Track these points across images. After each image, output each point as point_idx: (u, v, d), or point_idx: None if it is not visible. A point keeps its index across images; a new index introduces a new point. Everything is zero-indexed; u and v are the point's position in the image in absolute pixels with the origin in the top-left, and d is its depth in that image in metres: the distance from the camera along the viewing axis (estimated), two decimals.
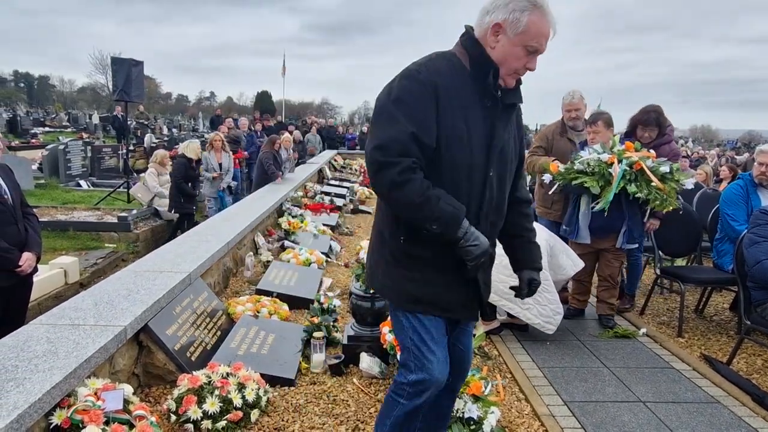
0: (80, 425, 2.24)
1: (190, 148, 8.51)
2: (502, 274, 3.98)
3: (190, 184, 8.47)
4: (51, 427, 2.22)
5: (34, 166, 12.77)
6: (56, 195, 10.76)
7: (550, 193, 4.76)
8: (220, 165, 9.21)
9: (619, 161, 4.04)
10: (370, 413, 3.02)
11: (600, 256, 4.49)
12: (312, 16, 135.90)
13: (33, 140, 20.66)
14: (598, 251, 4.48)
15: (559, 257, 4.21)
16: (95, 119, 29.02)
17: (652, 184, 4.00)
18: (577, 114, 4.86)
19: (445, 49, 1.99)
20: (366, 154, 1.85)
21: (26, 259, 3.45)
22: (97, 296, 3.28)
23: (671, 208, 4.07)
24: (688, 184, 4.20)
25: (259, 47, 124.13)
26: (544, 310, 4.04)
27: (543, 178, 4.78)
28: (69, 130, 27.24)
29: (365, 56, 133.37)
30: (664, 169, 4.07)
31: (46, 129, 26.81)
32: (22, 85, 65.00)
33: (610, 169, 4.02)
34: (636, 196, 3.99)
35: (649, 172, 4.00)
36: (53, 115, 33.68)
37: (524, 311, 4.04)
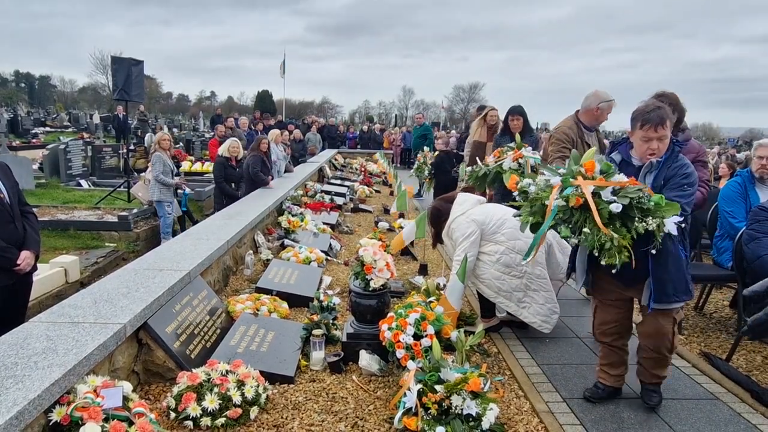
0: (80, 422, 2.25)
1: (228, 147, 8.41)
2: (498, 271, 4.00)
3: (233, 184, 8.41)
4: (50, 423, 2.23)
5: (35, 166, 12.79)
6: (57, 194, 10.77)
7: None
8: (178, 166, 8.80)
9: (562, 190, 2.69)
10: (369, 410, 3.02)
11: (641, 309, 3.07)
12: (316, 18, 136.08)
13: (34, 140, 20.70)
14: (632, 299, 3.17)
15: (557, 255, 4.21)
16: (96, 119, 29.09)
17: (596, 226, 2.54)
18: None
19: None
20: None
21: (24, 257, 3.46)
22: (97, 294, 3.29)
23: (616, 261, 2.51)
24: (669, 226, 2.50)
25: (263, 48, 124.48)
26: (541, 309, 4.04)
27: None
28: (70, 130, 27.27)
29: (367, 57, 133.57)
30: (615, 205, 2.52)
31: (47, 129, 26.85)
32: (23, 85, 65.05)
33: (547, 201, 2.73)
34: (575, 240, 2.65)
35: (594, 210, 2.52)
36: (54, 115, 33.71)
37: (521, 310, 4.04)
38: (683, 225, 2.68)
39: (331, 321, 3.99)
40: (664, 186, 2.79)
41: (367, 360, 3.45)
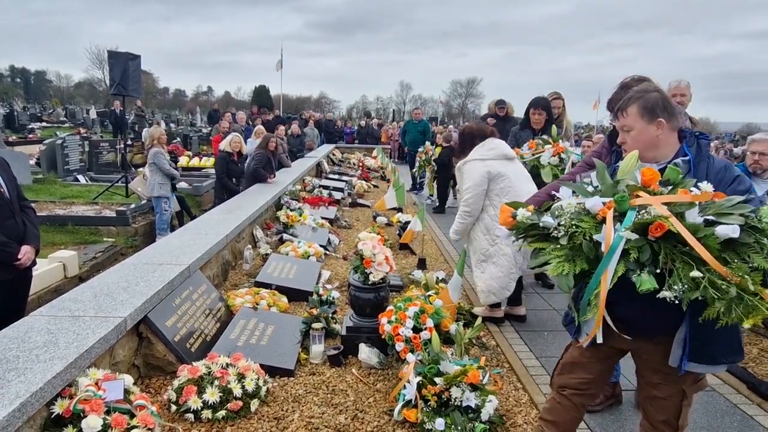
0: (81, 414, 2.26)
1: (230, 142, 8.39)
2: (477, 227, 4.10)
3: (234, 179, 8.38)
4: (52, 416, 2.24)
5: (32, 161, 12.74)
6: (54, 190, 10.73)
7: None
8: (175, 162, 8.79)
9: (619, 215, 1.75)
10: (369, 403, 3.04)
11: (638, 372, 2.24)
12: (315, 14, 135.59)
13: (30, 135, 20.62)
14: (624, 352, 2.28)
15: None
16: (92, 114, 28.96)
17: (705, 266, 1.60)
18: (683, 100, 4.20)
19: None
20: None
21: (25, 252, 3.46)
22: (97, 288, 3.29)
23: (759, 319, 1.62)
24: None
25: (262, 44, 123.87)
26: (493, 282, 4.10)
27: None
28: (66, 125, 27.14)
29: (365, 53, 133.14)
30: (728, 228, 1.61)
31: (43, 124, 26.70)
32: (18, 80, 64.68)
33: (598, 235, 1.72)
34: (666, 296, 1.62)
35: (690, 239, 1.59)
36: (50, 111, 33.52)
37: (476, 271, 4.20)
38: None
39: (330, 315, 4.01)
40: None
41: (366, 353, 3.47)
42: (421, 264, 5.88)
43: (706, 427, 2.99)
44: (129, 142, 13.37)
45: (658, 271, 1.62)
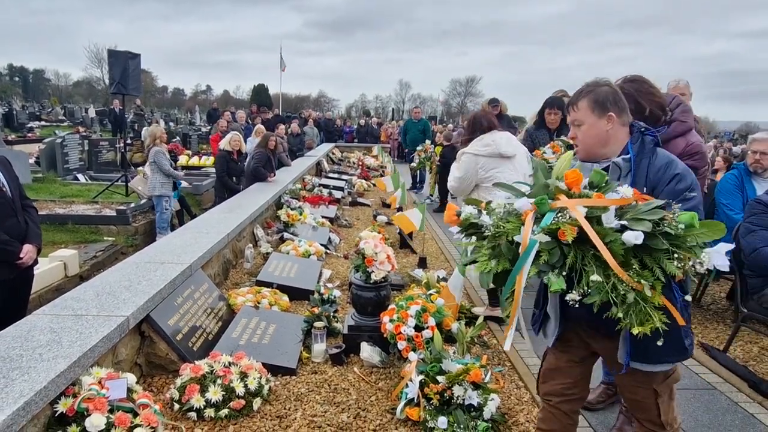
0: (85, 413, 2.26)
1: (230, 141, 8.37)
2: None
3: (234, 178, 8.37)
4: (56, 414, 2.24)
5: (32, 160, 12.73)
6: (54, 189, 10.72)
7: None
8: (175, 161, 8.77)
9: (538, 217, 1.71)
10: (371, 401, 3.05)
11: (613, 374, 2.28)
12: (315, 13, 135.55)
13: (29, 134, 20.61)
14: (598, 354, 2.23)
15: None
16: (91, 113, 28.93)
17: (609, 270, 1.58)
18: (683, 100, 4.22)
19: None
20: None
21: (27, 251, 3.46)
22: (99, 287, 3.30)
23: (649, 327, 1.57)
24: (717, 259, 1.57)
25: (261, 44, 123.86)
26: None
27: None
28: (65, 124, 27.11)
29: (364, 51, 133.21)
30: (632, 235, 1.57)
31: (42, 123, 26.68)
32: (17, 79, 64.56)
33: (517, 236, 1.70)
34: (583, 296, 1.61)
35: (598, 243, 1.58)
36: (49, 109, 33.47)
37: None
38: None
39: (331, 314, 4.01)
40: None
41: (368, 352, 3.47)
42: (422, 263, 5.88)
43: (708, 425, 2.99)
44: (128, 141, 13.34)
45: (569, 273, 1.61)
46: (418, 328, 3.43)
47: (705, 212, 2.80)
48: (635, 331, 1.56)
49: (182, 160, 13.70)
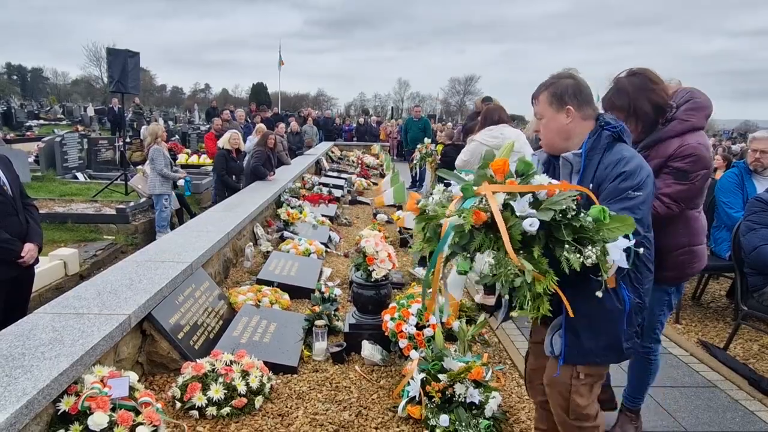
0: (88, 411, 2.26)
1: (229, 139, 8.37)
2: None
3: (234, 177, 8.38)
4: (59, 413, 2.24)
5: (31, 159, 12.71)
6: (53, 187, 10.71)
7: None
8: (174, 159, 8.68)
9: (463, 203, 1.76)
10: (373, 399, 3.05)
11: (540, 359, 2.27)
12: (314, 11, 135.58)
13: (28, 133, 20.56)
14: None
15: None
16: (90, 112, 28.87)
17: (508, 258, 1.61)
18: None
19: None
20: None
21: (28, 250, 3.46)
22: (100, 286, 3.29)
23: (530, 313, 1.63)
24: (614, 254, 1.61)
25: (261, 42, 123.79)
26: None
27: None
28: (64, 122, 27.08)
29: (363, 50, 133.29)
30: (527, 222, 1.60)
31: (41, 122, 26.65)
32: (15, 77, 64.38)
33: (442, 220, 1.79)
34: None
35: (502, 229, 1.60)
36: (47, 108, 33.45)
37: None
38: (637, 251, 1.66)
39: (332, 312, 4.02)
40: (596, 195, 1.85)
41: (369, 350, 3.48)
42: (422, 261, 5.88)
43: (708, 422, 3.00)
44: (128, 140, 13.33)
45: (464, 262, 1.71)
46: (420, 327, 3.44)
47: (705, 210, 2.79)
48: (515, 314, 1.69)
49: (181, 158, 13.68)
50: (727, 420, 3.04)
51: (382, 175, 13.95)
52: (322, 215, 7.60)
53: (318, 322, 3.67)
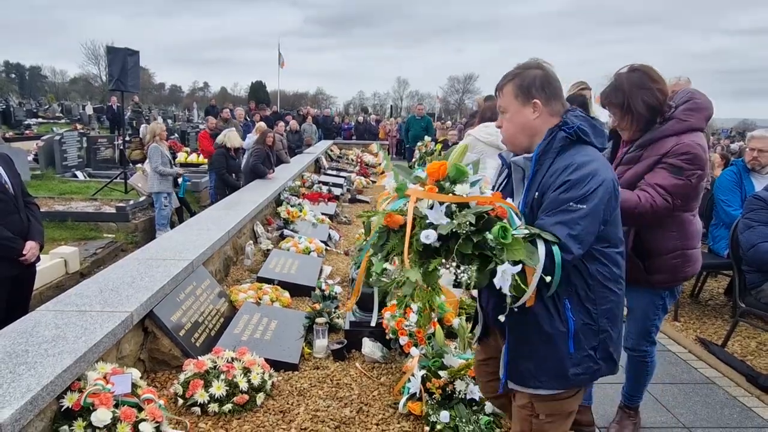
0: (91, 408, 2.28)
1: (229, 137, 8.38)
2: None
3: (233, 175, 8.39)
4: (62, 409, 2.26)
5: (30, 157, 12.71)
6: (53, 186, 10.72)
7: None
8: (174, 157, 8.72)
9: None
10: (373, 396, 3.07)
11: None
12: (313, 10, 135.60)
13: (27, 131, 20.54)
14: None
15: None
16: (89, 110, 28.81)
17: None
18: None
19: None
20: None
21: (30, 247, 3.47)
22: (102, 283, 3.31)
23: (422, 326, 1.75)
24: (501, 280, 1.49)
25: (258, 40, 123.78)
26: None
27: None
28: (62, 121, 27.04)
29: (362, 48, 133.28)
30: (425, 233, 1.56)
31: (40, 120, 26.60)
32: (13, 75, 64.25)
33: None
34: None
35: (407, 234, 1.58)
36: (46, 106, 33.39)
37: None
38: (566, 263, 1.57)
39: (333, 309, 4.03)
40: (540, 205, 1.69)
41: (370, 347, 3.50)
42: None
43: (706, 418, 3.03)
44: (127, 138, 13.33)
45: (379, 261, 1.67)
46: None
47: (705, 207, 2.71)
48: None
49: (180, 157, 13.68)
50: (724, 416, 3.06)
51: (382, 174, 13.96)
52: (322, 213, 7.62)
53: (319, 320, 3.68)
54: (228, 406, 2.80)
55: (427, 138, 11.42)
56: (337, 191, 9.68)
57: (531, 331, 1.73)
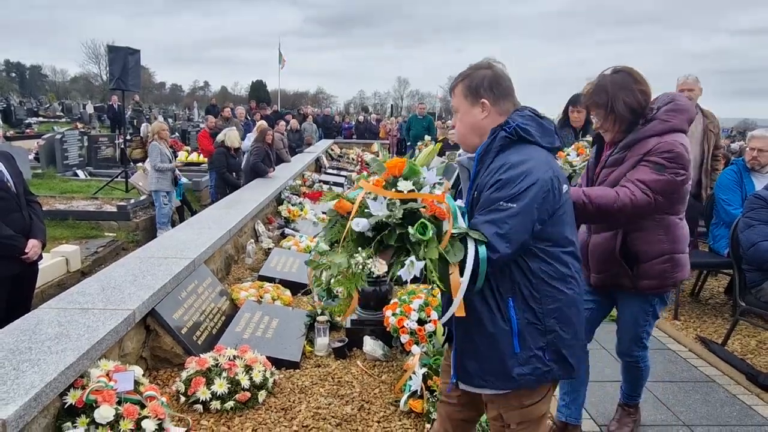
0: (94, 405, 2.29)
1: (228, 136, 8.41)
2: None
3: (233, 174, 8.40)
4: (65, 406, 2.27)
5: (31, 156, 12.72)
6: (54, 185, 10.73)
7: None
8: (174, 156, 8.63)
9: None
10: (375, 394, 3.08)
11: None
12: (314, 9, 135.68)
13: (28, 130, 20.56)
14: None
15: None
16: (89, 109, 28.82)
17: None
18: (691, 95, 4.43)
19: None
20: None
21: (32, 246, 3.48)
22: (104, 282, 3.32)
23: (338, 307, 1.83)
24: (405, 273, 1.60)
25: (259, 39, 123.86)
26: None
27: None
28: (63, 120, 27.06)
29: (363, 48, 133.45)
30: (358, 221, 1.62)
31: (40, 119, 26.62)
32: (13, 74, 64.24)
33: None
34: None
35: (348, 224, 1.65)
36: (47, 105, 33.41)
37: None
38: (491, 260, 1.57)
39: (334, 308, 4.04)
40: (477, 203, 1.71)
41: (371, 345, 3.51)
42: None
43: (706, 416, 3.04)
44: (128, 137, 13.35)
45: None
46: (421, 322, 3.47)
47: (706, 206, 2.67)
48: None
49: (181, 156, 13.69)
50: (724, 414, 3.07)
51: None
52: (323, 212, 7.62)
53: (320, 318, 3.69)
54: (230, 404, 2.81)
55: (427, 137, 11.40)
56: (337, 190, 9.69)
57: (474, 330, 1.72)
